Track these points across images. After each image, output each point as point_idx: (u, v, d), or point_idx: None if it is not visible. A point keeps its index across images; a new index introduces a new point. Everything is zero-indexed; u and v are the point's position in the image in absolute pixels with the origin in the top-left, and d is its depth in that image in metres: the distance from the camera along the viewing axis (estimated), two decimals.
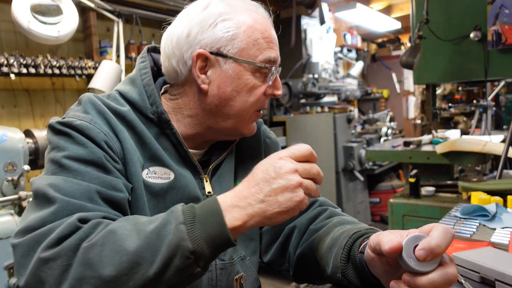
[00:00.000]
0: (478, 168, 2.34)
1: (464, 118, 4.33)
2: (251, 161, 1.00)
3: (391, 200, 2.15)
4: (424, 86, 2.92)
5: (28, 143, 1.89)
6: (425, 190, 2.08)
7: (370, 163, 4.51)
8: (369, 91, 5.61)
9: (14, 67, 2.15)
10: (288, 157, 0.69)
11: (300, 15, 4.17)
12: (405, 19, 5.54)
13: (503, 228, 1.12)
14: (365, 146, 4.32)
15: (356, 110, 5.58)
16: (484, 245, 0.95)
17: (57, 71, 2.32)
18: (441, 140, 2.36)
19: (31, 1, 2.08)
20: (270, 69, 0.86)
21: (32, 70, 2.22)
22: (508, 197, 1.32)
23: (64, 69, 2.35)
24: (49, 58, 2.29)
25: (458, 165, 2.43)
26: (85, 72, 2.46)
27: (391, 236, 0.61)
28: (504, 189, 1.45)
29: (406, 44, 6.32)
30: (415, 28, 2.20)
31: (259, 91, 0.86)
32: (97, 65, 2.48)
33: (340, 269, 0.76)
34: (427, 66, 2.35)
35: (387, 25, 5.46)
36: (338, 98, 4.59)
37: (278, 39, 0.92)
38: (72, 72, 2.40)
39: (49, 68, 2.28)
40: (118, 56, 2.68)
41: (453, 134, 2.62)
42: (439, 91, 5.00)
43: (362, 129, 4.98)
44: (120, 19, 2.69)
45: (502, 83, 3.25)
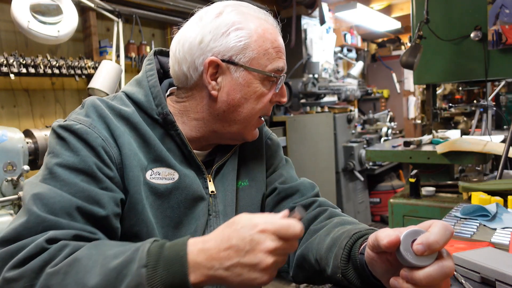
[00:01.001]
0: (479, 168, 2.34)
1: (465, 118, 4.33)
2: (254, 161, 1.02)
3: (391, 200, 2.14)
4: (424, 86, 2.91)
5: (28, 143, 1.89)
6: (426, 190, 2.08)
7: (370, 163, 4.50)
8: (369, 91, 5.60)
9: (14, 67, 2.15)
10: (271, 233, 0.62)
11: (300, 15, 4.17)
12: (405, 19, 5.54)
13: (504, 228, 1.12)
14: (365, 146, 4.32)
15: (356, 110, 5.58)
16: (485, 245, 0.95)
17: (56, 71, 2.32)
18: (441, 140, 2.36)
19: (31, 1, 2.08)
20: (278, 78, 0.89)
21: (32, 70, 2.22)
22: (509, 197, 1.32)
23: (64, 69, 2.35)
24: (49, 58, 2.28)
25: (459, 165, 2.43)
26: (84, 72, 2.46)
27: (389, 231, 0.62)
28: (505, 189, 1.44)
29: (406, 44, 6.32)
30: (415, 28, 2.20)
31: (266, 98, 0.89)
32: (97, 65, 2.48)
33: (340, 269, 0.76)
34: (427, 66, 2.35)
35: (387, 25, 5.46)
36: (338, 98, 4.59)
37: None
38: (72, 72, 2.40)
39: (49, 68, 2.28)
40: (118, 56, 2.68)
41: (453, 134, 2.62)
42: (439, 91, 4.99)
43: (362, 129, 4.98)
44: (120, 19, 2.69)
45: (503, 83, 3.24)
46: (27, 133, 1.97)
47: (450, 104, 2.96)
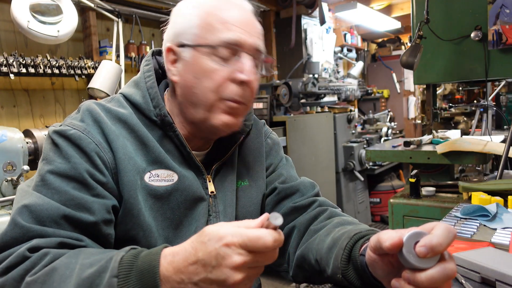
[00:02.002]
0: (479, 168, 2.34)
1: (465, 118, 4.33)
2: (253, 161, 1.01)
3: (391, 200, 2.14)
4: (424, 86, 2.91)
5: (28, 143, 1.89)
6: (426, 190, 2.08)
7: (370, 163, 4.50)
8: (369, 91, 5.60)
9: (14, 67, 2.15)
10: (238, 246, 0.56)
11: (300, 15, 4.17)
12: (405, 19, 5.54)
13: (504, 228, 1.12)
14: (365, 146, 4.31)
15: (356, 110, 5.57)
16: (485, 245, 0.94)
17: (56, 71, 2.32)
18: (441, 140, 2.35)
19: (31, 1, 2.07)
20: (234, 51, 0.83)
21: (32, 70, 2.22)
22: (509, 197, 1.31)
23: (64, 69, 2.35)
24: (49, 58, 2.28)
25: (459, 165, 2.43)
26: (84, 72, 2.46)
27: (391, 233, 0.61)
28: (505, 189, 1.44)
29: (407, 44, 6.32)
30: (416, 28, 2.20)
31: (218, 75, 0.82)
32: (96, 65, 2.48)
33: (340, 270, 0.76)
34: (428, 66, 2.34)
35: (387, 24, 5.46)
36: (338, 98, 4.59)
37: (278, 39, 0.91)
38: (72, 72, 2.40)
39: (49, 68, 2.28)
40: (118, 56, 2.68)
41: (453, 134, 2.62)
42: (439, 91, 4.99)
43: (362, 129, 4.98)
44: (119, 19, 2.69)
45: (503, 83, 3.24)
46: (27, 133, 1.97)
47: (450, 104, 2.95)
